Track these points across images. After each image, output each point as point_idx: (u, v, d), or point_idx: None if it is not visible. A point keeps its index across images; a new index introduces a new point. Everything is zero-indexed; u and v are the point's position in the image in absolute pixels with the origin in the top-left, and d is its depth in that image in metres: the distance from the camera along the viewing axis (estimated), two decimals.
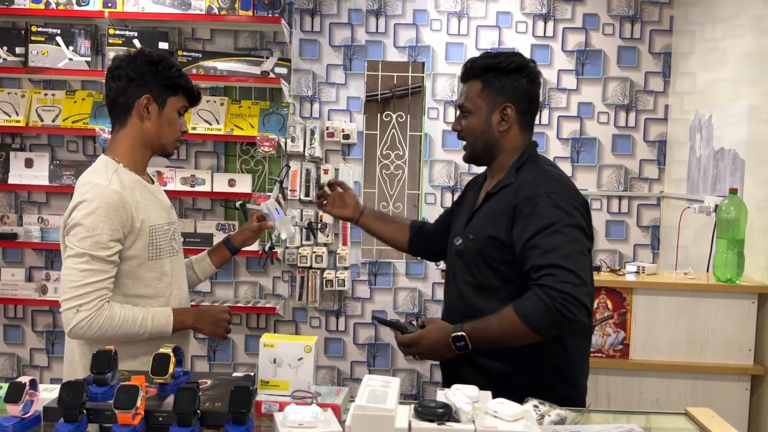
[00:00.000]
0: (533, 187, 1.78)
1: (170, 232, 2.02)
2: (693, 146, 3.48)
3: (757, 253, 2.77)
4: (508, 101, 1.88)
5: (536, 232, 1.72)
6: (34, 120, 3.75)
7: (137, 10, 3.65)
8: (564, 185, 1.82)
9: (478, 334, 1.72)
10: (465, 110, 1.93)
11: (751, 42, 2.95)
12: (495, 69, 1.88)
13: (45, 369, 4.00)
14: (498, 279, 1.83)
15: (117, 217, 1.84)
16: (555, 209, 1.73)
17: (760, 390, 2.74)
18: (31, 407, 1.37)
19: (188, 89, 2.01)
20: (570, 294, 1.64)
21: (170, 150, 2.04)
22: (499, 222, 1.81)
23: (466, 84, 1.94)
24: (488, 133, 1.89)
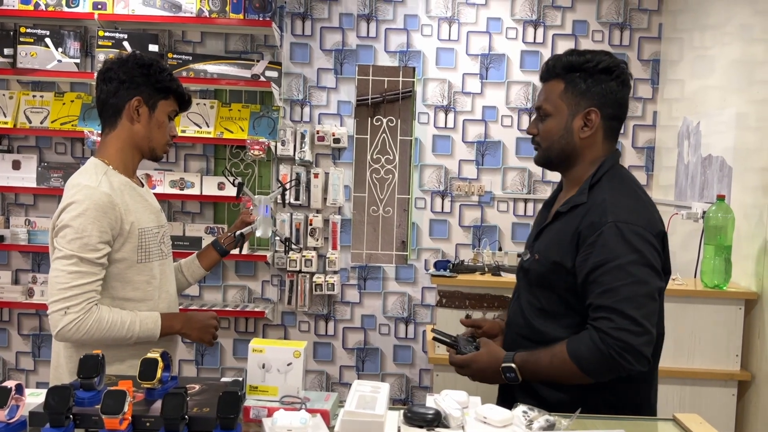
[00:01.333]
0: (600, 213, 1.60)
1: (159, 236, 2.01)
2: (681, 153, 3.50)
3: (744, 260, 2.79)
4: (592, 105, 1.69)
5: (597, 265, 1.57)
6: (22, 122, 3.73)
7: (127, 12, 3.64)
8: (636, 212, 1.62)
9: (529, 367, 1.63)
10: (543, 112, 1.74)
11: (739, 50, 2.97)
12: (581, 69, 1.69)
13: (31, 372, 3.97)
14: (562, 305, 1.68)
15: (106, 219, 1.83)
16: (621, 242, 1.56)
17: (746, 395, 2.76)
18: (17, 412, 1.36)
19: (179, 93, 2.01)
20: (627, 343, 1.51)
21: (159, 153, 2.03)
22: (565, 248, 1.65)
23: (546, 84, 1.75)
24: (567, 139, 1.71)
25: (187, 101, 2.06)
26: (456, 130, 3.90)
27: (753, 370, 2.72)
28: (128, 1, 3.64)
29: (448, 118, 3.90)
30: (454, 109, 3.90)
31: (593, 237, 1.58)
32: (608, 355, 1.52)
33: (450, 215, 3.93)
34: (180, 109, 2.05)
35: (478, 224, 3.92)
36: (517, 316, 1.81)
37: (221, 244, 2.29)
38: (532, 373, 1.63)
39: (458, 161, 3.91)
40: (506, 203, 3.92)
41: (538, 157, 1.81)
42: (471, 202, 3.93)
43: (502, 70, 3.87)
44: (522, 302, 1.79)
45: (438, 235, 3.94)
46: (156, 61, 1.98)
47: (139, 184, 2.03)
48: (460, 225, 3.93)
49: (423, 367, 3.94)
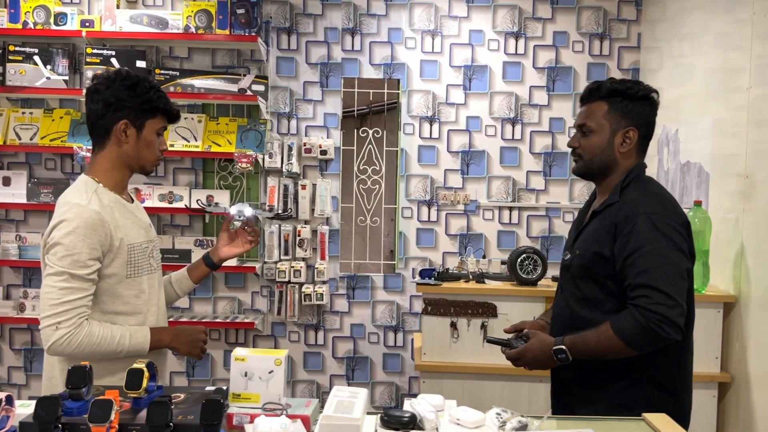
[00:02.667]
0: (633, 207, 1.88)
1: (149, 250, 2.05)
2: (661, 160, 3.57)
3: (722, 264, 2.85)
4: (631, 125, 1.97)
5: (633, 250, 1.82)
6: (11, 138, 3.77)
7: (115, 29, 3.69)
8: (663, 206, 1.90)
9: (577, 348, 1.86)
10: (587, 129, 2.01)
11: (716, 58, 3.04)
12: (623, 94, 1.97)
13: (23, 387, 3.99)
14: (602, 292, 1.92)
15: (96, 236, 1.87)
16: (652, 230, 1.82)
17: (727, 397, 2.81)
18: (7, 422, 1.40)
19: (166, 111, 2.04)
20: (664, 315, 1.75)
21: (149, 169, 2.07)
22: (603, 239, 1.91)
23: (590, 105, 2.02)
24: (608, 153, 1.98)
25: (175, 116, 2.08)
26: (441, 141, 3.97)
27: (732, 372, 2.78)
28: (116, 18, 3.69)
29: (432, 129, 3.97)
30: (439, 120, 3.96)
31: (629, 227, 1.85)
32: (648, 327, 1.76)
33: (436, 224, 3.99)
34: (169, 123, 2.08)
35: (464, 233, 3.98)
36: (562, 309, 2.05)
37: (211, 257, 2.32)
38: (581, 352, 1.86)
39: (444, 171, 3.97)
40: (491, 211, 3.98)
41: (578, 167, 2.06)
42: (457, 210, 3.98)
43: (485, 81, 3.94)
44: (566, 295, 2.03)
45: (425, 243, 3.99)
46: (142, 80, 2.01)
47: (128, 199, 2.07)
48: (446, 233, 3.99)
49: (412, 375, 3.98)
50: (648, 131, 2.03)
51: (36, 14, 3.68)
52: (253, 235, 2.33)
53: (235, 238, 2.33)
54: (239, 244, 2.32)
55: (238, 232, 2.32)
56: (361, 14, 3.94)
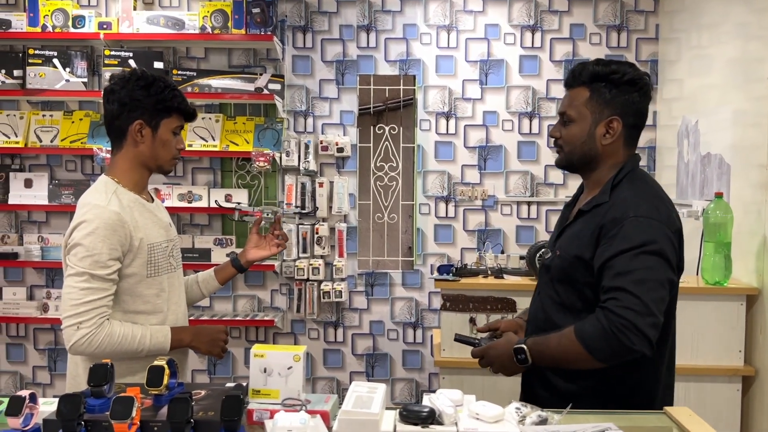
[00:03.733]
0: (623, 209, 1.69)
1: (168, 249, 2.07)
2: (681, 152, 3.53)
3: (744, 256, 2.81)
4: (615, 114, 1.77)
5: (615, 254, 1.64)
6: (32, 141, 3.82)
7: (132, 31, 3.72)
8: (657, 209, 1.70)
9: (538, 349, 1.69)
10: (567, 118, 1.83)
11: (736, 48, 3.00)
12: (606, 79, 1.77)
13: (48, 386, 4.04)
14: (579, 300, 1.75)
15: (116, 236, 1.89)
16: (640, 233, 1.64)
17: (751, 390, 2.78)
18: (31, 420, 1.42)
19: (181, 109, 2.04)
20: (630, 321, 1.55)
21: (167, 168, 2.09)
22: (586, 242, 1.73)
23: (572, 90, 1.83)
24: (590, 145, 1.80)
25: (191, 114, 2.09)
26: (458, 136, 3.95)
27: (756, 365, 2.74)
28: (133, 20, 3.72)
29: (449, 124, 3.96)
30: (455, 115, 3.95)
31: (614, 230, 1.66)
32: (610, 332, 1.56)
33: (454, 220, 3.98)
34: (186, 121, 2.09)
35: (482, 228, 3.97)
36: (538, 311, 1.88)
37: (239, 260, 2.32)
38: (541, 354, 1.69)
39: (461, 166, 3.96)
40: (509, 207, 3.96)
41: (559, 159, 1.89)
42: (475, 206, 3.97)
43: (501, 76, 3.92)
44: (543, 298, 1.87)
45: (443, 239, 3.98)
46: (157, 80, 2.02)
47: (149, 199, 2.09)
48: (464, 229, 3.98)
49: (432, 371, 3.98)
50: (637, 120, 1.81)
51: (54, 17, 3.72)
52: (281, 239, 2.32)
53: (263, 241, 2.32)
54: (267, 247, 2.32)
55: (267, 235, 2.32)
56: (375, 11, 3.94)
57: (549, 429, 1.34)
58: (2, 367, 4.04)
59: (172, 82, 2.10)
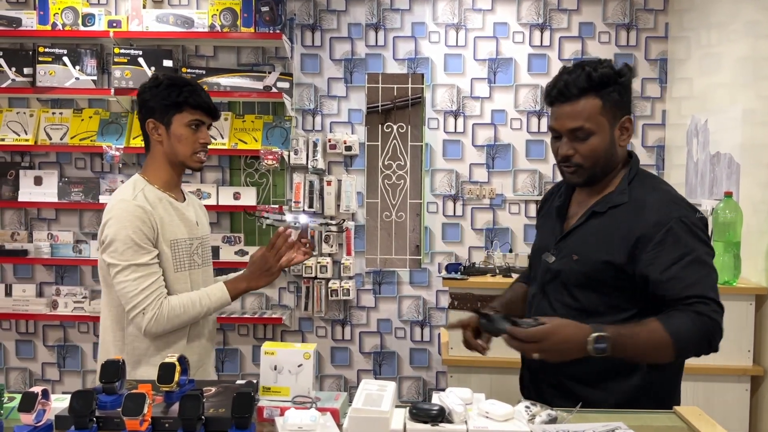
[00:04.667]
0: (662, 212, 1.64)
1: (193, 247, 2.12)
2: (690, 151, 3.52)
3: (753, 255, 2.80)
4: (627, 113, 1.73)
5: (674, 261, 1.60)
6: (42, 138, 3.84)
7: (141, 29, 3.73)
8: (691, 208, 1.69)
9: (623, 341, 1.56)
10: (585, 133, 1.69)
11: (746, 47, 2.99)
12: (616, 82, 1.69)
13: (57, 383, 4.06)
14: (603, 304, 1.70)
15: (144, 226, 1.97)
16: (690, 237, 1.62)
17: (760, 390, 2.77)
18: (44, 416, 1.43)
19: (192, 104, 2.06)
20: (720, 325, 1.61)
21: (190, 164, 2.11)
22: (616, 246, 1.66)
23: (577, 102, 1.69)
24: (612, 151, 1.72)
25: (203, 107, 2.07)
26: (466, 135, 3.95)
27: (765, 365, 2.74)
28: (142, 18, 3.74)
29: (457, 123, 3.95)
30: (464, 114, 3.95)
31: (661, 234, 1.61)
32: (705, 334, 1.59)
33: (462, 218, 3.98)
34: (208, 117, 2.09)
35: (490, 227, 3.97)
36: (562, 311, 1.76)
37: None
38: (624, 346, 1.56)
39: (469, 165, 3.96)
40: (518, 205, 3.96)
41: (578, 177, 1.75)
42: (482, 205, 3.97)
43: (509, 74, 3.92)
44: (553, 302, 1.78)
45: (451, 238, 3.98)
46: (166, 78, 2.07)
47: (179, 197, 2.14)
48: (472, 228, 3.98)
49: (439, 370, 3.98)
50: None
51: (64, 15, 3.74)
52: (308, 246, 2.26)
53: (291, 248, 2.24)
54: (295, 254, 2.24)
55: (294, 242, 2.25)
56: (384, 9, 3.94)
57: (559, 428, 1.34)
58: (12, 364, 4.07)
59: (186, 80, 2.12)
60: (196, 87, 2.09)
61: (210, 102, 2.10)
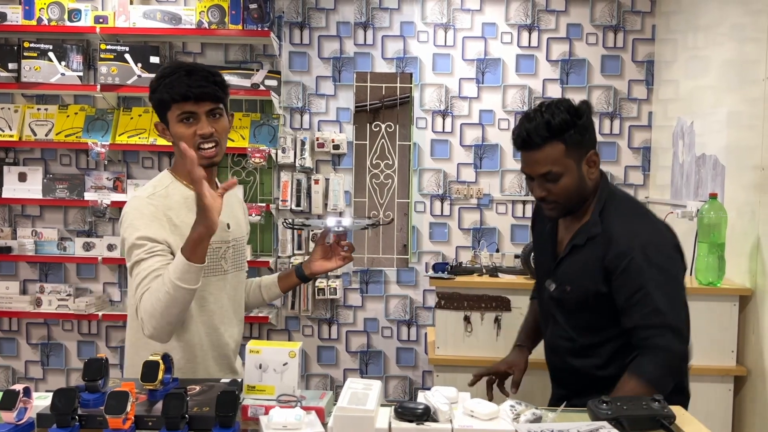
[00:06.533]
0: (626, 242, 1.76)
1: (221, 251, 1.95)
2: (676, 152, 3.54)
3: (737, 257, 2.83)
4: (591, 148, 1.85)
5: (636, 289, 1.73)
6: (27, 134, 3.80)
7: (128, 25, 3.71)
8: (655, 232, 1.81)
9: None
10: (553, 176, 1.82)
11: (732, 50, 3.01)
12: (574, 125, 1.79)
13: (40, 381, 4.03)
14: (604, 319, 1.84)
15: (156, 222, 1.82)
16: (650, 265, 1.73)
17: (743, 390, 2.79)
18: (25, 414, 1.41)
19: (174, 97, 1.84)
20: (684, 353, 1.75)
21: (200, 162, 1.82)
22: (596, 277, 1.81)
23: (541, 149, 1.80)
24: (583, 185, 1.85)
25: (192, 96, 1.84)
26: (454, 134, 3.96)
27: (749, 366, 2.76)
28: (129, 14, 3.71)
29: (445, 123, 3.96)
30: (452, 114, 3.95)
31: (624, 263, 1.74)
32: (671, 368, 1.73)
33: (449, 218, 3.98)
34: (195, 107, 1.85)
35: (477, 227, 3.97)
36: (562, 340, 1.95)
37: (303, 269, 2.19)
38: None
39: (456, 165, 3.96)
40: (505, 205, 3.97)
41: (557, 213, 1.89)
42: (470, 204, 3.98)
43: (497, 74, 3.93)
44: (563, 326, 1.93)
45: (438, 238, 3.99)
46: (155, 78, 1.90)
47: None
48: (459, 228, 3.98)
49: (425, 369, 3.98)
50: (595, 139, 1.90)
51: (50, 11, 3.70)
52: (348, 251, 2.16)
53: (329, 253, 2.17)
54: (333, 259, 2.16)
55: (332, 246, 2.16)
56: (373, 8, 3.93)
57: (543, 427, 1.34)
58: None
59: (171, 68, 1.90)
60: (183, 73, 1.85)
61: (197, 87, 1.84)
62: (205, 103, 1.86)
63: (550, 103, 1.83)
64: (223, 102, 1.93)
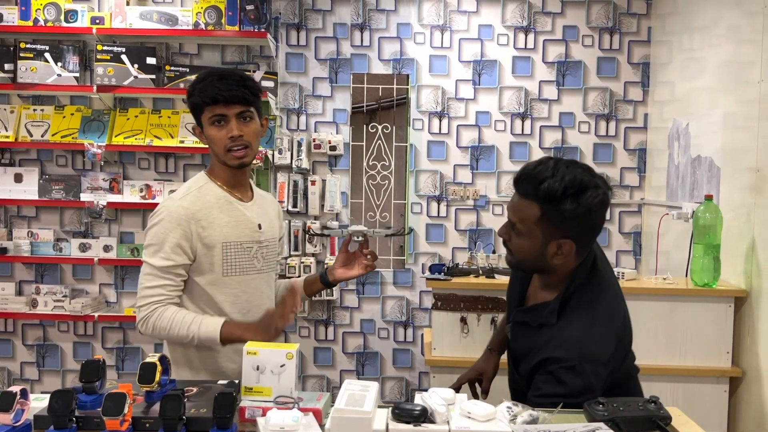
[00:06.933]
0: (565, 348, 1.62)
1: (252, 251, 2.02)
2: (672, 154, 3.56)
3: (733, 258, 2.84)
4: (568, 236, 1.65)
5: (545, 394, 1.61)
6: (23, 135, 3.79)
7: (125, 26, 3.71)
8: (602, 344, 1.64)
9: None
10: (516, 229, 1.70)
11: (727, 51, 3.02)
12: (560, 202, 1.61)
13: (36, 382, 4.02)
14: None
15: (180, 229, 1.91)
16: (568, 382, 1.60)
17: (738, 392, 2.80)
18: (22, 416, 1.41)
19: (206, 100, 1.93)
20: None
21: (230, 162, 1.97)
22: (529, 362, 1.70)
23: (522, 199, 1.68)
24: (539, 261, 1.70)
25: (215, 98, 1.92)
26: (450, 136, 3.96)
27: (744, 367, 2.77)
28: (126, 15, 3.71)
29: (442, 124, 3.96)
30: (448, 115, 3.96)
31: (555, 367, 1.61)
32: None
33: (446, 219, 3.99)
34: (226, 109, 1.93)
35: (473, 228, 3.98)
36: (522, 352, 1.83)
37: (327, 275, 2.22)
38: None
39: (453, 166, 3.97)
40: (501, 207, 3.97)
41: (511, 263, 1.79)
42: (466, 206, 3.98)
43: (494, 76, 3.94)
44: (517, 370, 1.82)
45: (435, 239, 3.99)
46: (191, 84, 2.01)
47: (244, 197, 2.05)
48: (456, 229, 3.99)
49: (422, 370, 3.99)
50: (592, 235, 1.70)
51: (47, 11, 3.70)
52: (370, 259, 2.18)
53: (352, 260, 2.19)
54: (356, 266, 2.19)
55: (356, 254, 2.18)
56: (370, 10, 3.94)
57: (540, 428, 1.35)
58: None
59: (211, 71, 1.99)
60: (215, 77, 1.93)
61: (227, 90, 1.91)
62: (235, 105, 1.93)
63: (569, 165, 1.66)
64: (253, 105, 2.00)
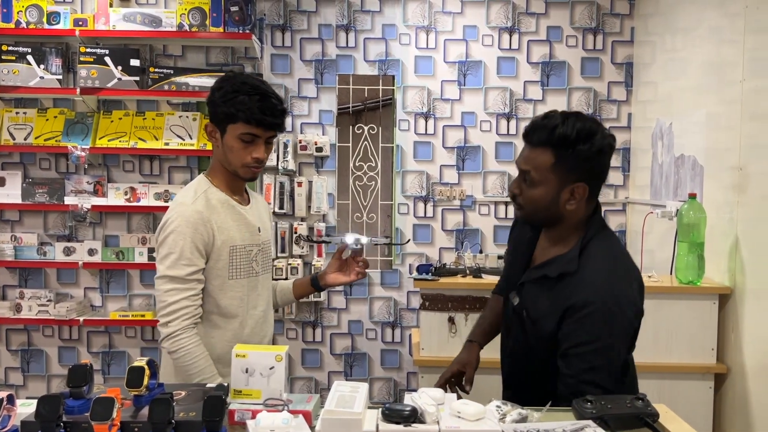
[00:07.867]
0: (592, 291, 1.64)
1: (252, 254, 2.04)
2: (655, 153, 3.59)
3: (717, 256, 2.87)
4: (581, 179, 1.68)
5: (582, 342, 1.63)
6: (5, 138, 3.76)
7: (108, 28, 3.68)
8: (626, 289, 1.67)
9: None
10: (530, 180, 1.71)
11: (710, 52, 3.05)
12: (574, 146, 1.65)
13: (21, 388, 3.98)
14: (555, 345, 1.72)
15: (197, 234, 1.91)
16: (603, 325, 1.61)
17: (723, 388, 2.83)
18: (9, 422, 1.40)
19: (245, 117, 1.92)
20: None
21: (242, 175, 2.00)
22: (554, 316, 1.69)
23: (535, 149, 1.71)
24: (553, 209, 1.71)
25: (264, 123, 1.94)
26: (436, 136, 3.97)
27: (728, 363, 2.80)
28: (109, 17, 3.68)
29: (428, 125, 3.97)
30: (434, 116, 3.97)
31: (584, 312, 1.63)
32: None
33: (433, 220, 4.00)
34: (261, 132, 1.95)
35: (460, 228, 3.99)
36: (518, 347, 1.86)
37: (318, 280, 2.25)
38: None
39: (439, 166, 3.98)
40: (487, 206, 3.99)
41: (520, 214, 1.82)
42: (453, 206, 3.99)
43: (479, 77, 3.95)
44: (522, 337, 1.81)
45: (422, 239, 4.00)
46: (236, 80, 1.95)
47: (242, 201, 2.07)
48: (442, 229, 4.00)
49: (410, 370, 3.99)
50: (601, 179, 1.76)
51: (29, 13, 3.67)
52: (362, 266, 2.21)
53: (345, 267, 2.22)
54: (348, 273, 2.22)
55: (348, 260, 2.21)
56: (355, 11, 3.94)
57: (529, 426, 1.36)
58: None
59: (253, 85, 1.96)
60: (258, 97, 1.93)
61: (271, 115, 1.94)
62: (271, 131, 1.98)
63: (577, 115, 1.71)
64: None
